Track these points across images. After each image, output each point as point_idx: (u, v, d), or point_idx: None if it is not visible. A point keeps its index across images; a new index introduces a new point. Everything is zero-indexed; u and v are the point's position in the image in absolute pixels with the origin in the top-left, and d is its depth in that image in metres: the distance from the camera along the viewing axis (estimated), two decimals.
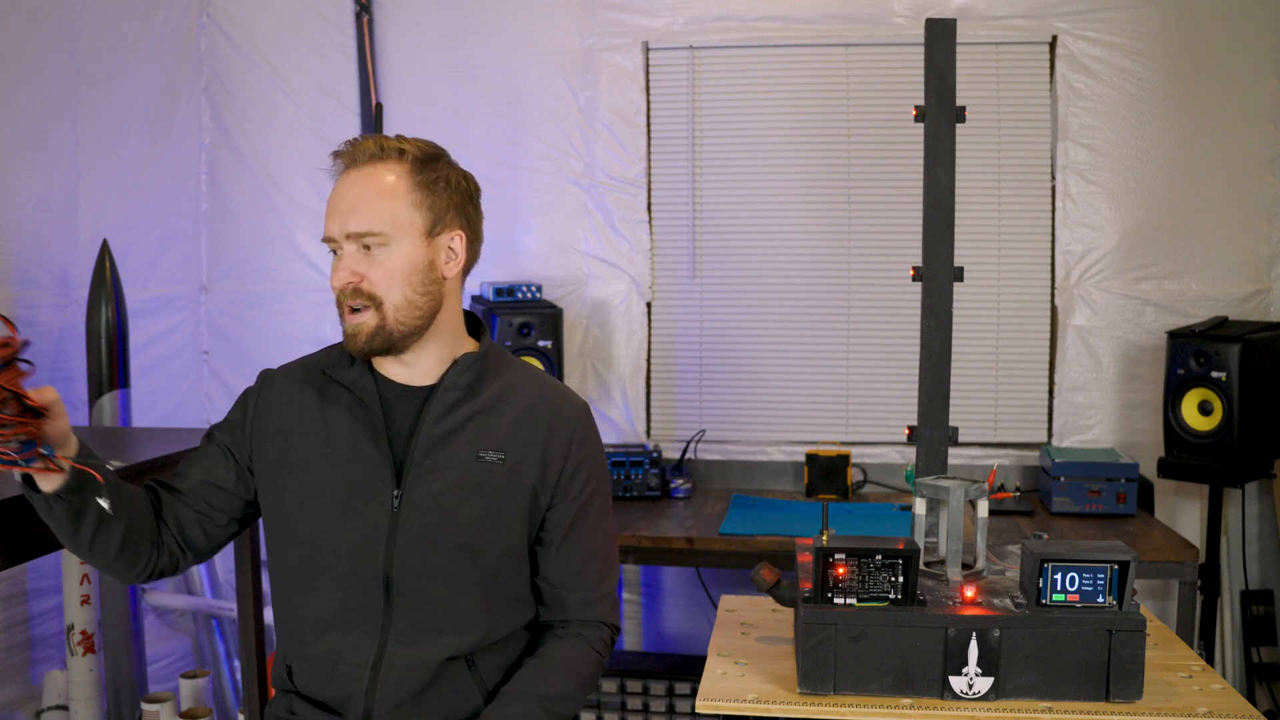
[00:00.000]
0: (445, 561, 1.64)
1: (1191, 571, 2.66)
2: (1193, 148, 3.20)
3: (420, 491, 1.64)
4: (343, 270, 1.62)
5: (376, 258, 1.62)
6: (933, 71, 1.95)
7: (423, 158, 1.66)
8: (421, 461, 1.64)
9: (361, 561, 1.63)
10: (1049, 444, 3.32)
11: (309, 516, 1.65)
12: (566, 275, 3.45)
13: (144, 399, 3.23)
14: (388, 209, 1.62)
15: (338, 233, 1.62)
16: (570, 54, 3.41)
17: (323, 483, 1.65)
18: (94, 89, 3.09)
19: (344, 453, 1.66)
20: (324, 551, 1.65)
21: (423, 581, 1.64)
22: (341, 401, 1.68)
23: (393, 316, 1.63)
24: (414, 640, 1.63)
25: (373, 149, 1.64)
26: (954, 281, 1.96)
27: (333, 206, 1.63)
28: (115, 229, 3.09)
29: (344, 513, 1.64)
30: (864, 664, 1.50)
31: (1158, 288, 3.23)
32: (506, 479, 1.67)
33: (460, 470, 1.65)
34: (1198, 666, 1.64)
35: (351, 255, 1.62)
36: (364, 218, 1.61)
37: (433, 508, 1.64)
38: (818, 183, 3.40)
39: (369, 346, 1.63)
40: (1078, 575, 1.49)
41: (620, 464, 3.20)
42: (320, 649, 1.65)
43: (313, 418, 1.68)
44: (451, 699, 1.66)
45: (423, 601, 1.64)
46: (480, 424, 1.68)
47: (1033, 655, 1.49)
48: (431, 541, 1.64)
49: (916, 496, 1.69)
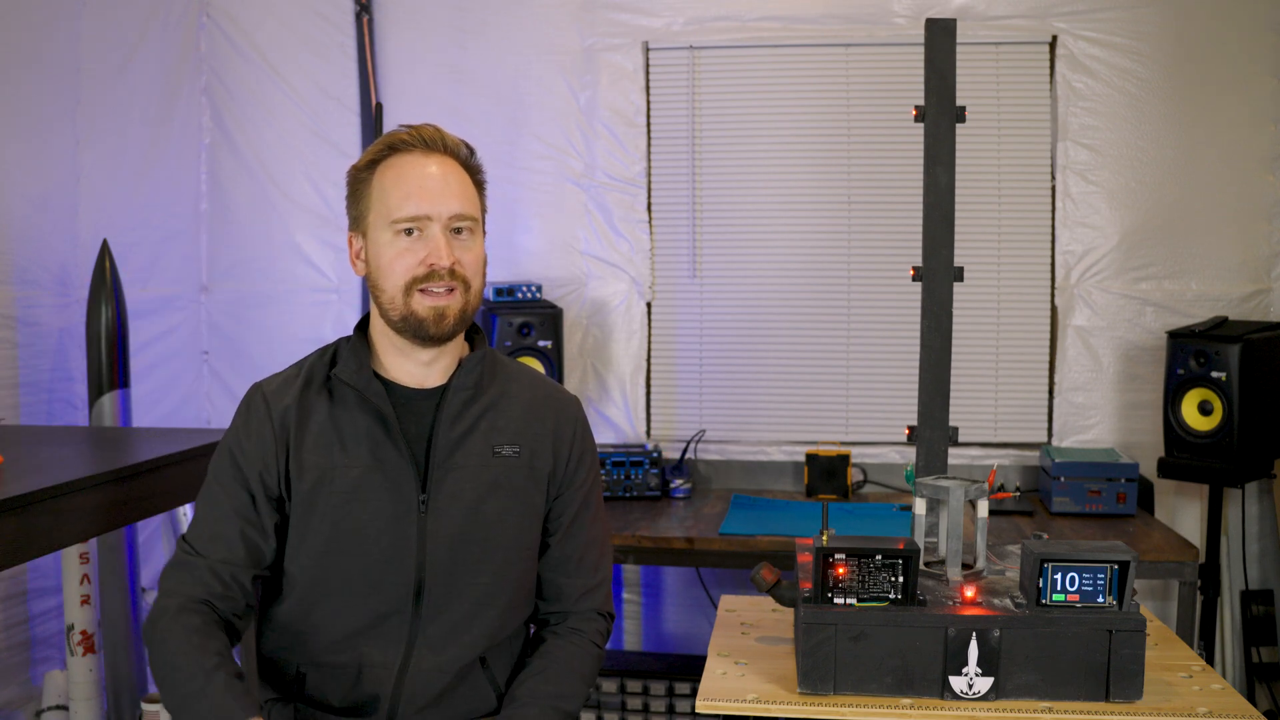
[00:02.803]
0: (473, 561, 1.65)
1: (1191, 571, 2.66)
2: (1193, 148, 3.20)
3: (444, 493, 1.64)
4: (442, 249, 1.60)
5: (466, 243, 1.64)
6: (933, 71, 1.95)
7: (473, 157, 1.69)
8: (443, 462, 1.64)
9: (392, 570, 1.62)
10: (1049, 444, 3.32)
11: (335, 527, 1.63)
12: (566, 275, 3.45)
13: (144, 399, 3.23)
14: (473, 198, 1.66)
15: (437, 212, 1.60)
16: (570, 54, 3.41)
17: (346, 493, 1.63)
18: (94, 89, 3.09)
19: (364, 459, 1.63)
20: (354, 561, 1.62)
21: (452, 583, 1.64)
22: (351, 407, 1.65)
23: (472, 302, 1.66)
24: (441, 644, 1.64)
25: (439, 138, 1.65)
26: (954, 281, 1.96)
27: (418, 185, 1.61)
28: (115, 229, 3.09)
29: (372, 521, 1.62)
30: (864, 664, 1.50)
31: (1158, 288, 3.23)
32: (525, 471, 1.69)
33: (479, 467, 1.65)
34: (1198, 666, 1.64)
35: (445, 237, 1.61)
36: (464, 201, 1.63)
37: (458, 508, 1.64)
38: (818, 183, 3.40)
39: (455, 328, 1.63)
40: (1078, 575, 1.49)
41: (620, 464, 3.20)
42: (346, 657, 1.64)
43: (324, 427, 1.65)
44: (469, 697, 1.67)
45: (450, 604, 1.64)
46: (491, 420, 1.68)
47: (1033, 655, 1.49)
48: (460, 542, 1.64)
49: (916, 496, 1.69)
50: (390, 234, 1.61)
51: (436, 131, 1.65)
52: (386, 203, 1.61)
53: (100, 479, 1.94)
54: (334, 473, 1.63)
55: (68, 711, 2.85)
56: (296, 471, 1.63)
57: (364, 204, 1.65)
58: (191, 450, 2.19)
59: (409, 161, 1.63)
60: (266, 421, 1.65)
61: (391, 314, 1.63)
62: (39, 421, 2.93)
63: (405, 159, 1.63)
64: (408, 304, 1.61)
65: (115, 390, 2.92)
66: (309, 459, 1.63)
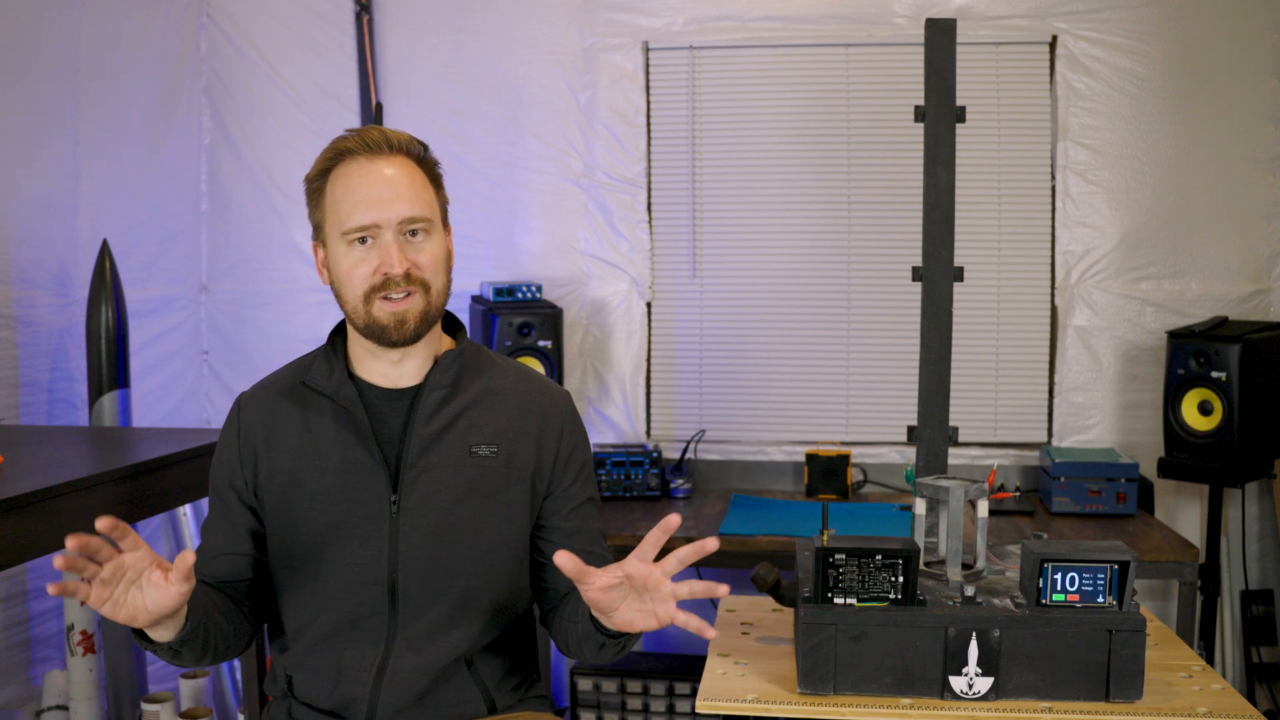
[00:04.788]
0: (449, 562, 1.64)
1: (1191, 571, 2.66)
2: (1193, 148, 3.20)
3: (418, 494, 1.64)
4: (397, 255, 1.60)
5: (420, 244, 1.63)
6: (933, 71, 1.95)
7: (426, 152, 1.69)
8: (415, 463, 1.64)
9: (366, 572, 1.63)
10: (1049, 444, 3.32)
11: (308, 532, 1.64)
12: (566, 275, 3.45)
13: (144, 399, 3.23)
14: (426, 197, 1.65)
15: (385, 219, 1.60)
16: (570, 54, 3.41)
17: (317, 496, 1.64)
18: (94, 89, 3.09)
19: (335, 463, 1.64)
20: (327, 566, 1.64)
21: (427, 584, 1.63)
22: (325, 411, 1.67)
23: (434, 302, 1.65)
24: (419, 645, 1.63)
25: (383, 140, 1.64)
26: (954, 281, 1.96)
27: (365, 195, 1.61)
28: (115, 229, 3.09)
29: (344, 524, 1.63)
30: (864, 664, 1.50)
31: (1158, 288, 3.23)
32: (501, 472, 1.67)
33: (454, 467, 1.65)
34: (1198, 666, 1.64)
35: (396, 242, 1.61)
36: (413, 204, 1.62)
37: (432, 508, 1.64)
38: (818, 183, 3.40)
39: (418, 330, 1.63)
40: (1078, 575, 1.49)
41: (620, 464, 3.20)
42: (324, 660, 1.65)
43: (297, 431, 1.67)
44: (453, 700, 1.66)
45: (427, 605, 1.63)
46: (469, 419, 1.68)
47: (1033, 655, 1.49)
48: (434, 543, 1.63)
49: (916, 496, 1.69)
50: (344, 245, 1.63)
51: (380, 133, 1.65)
52: (338, 213, 1.63)
53: (100, 479, 1.94)
54: (306, 476, 1.65)
55: (68, 711, 2.85)
56: (267, 476, 1.66)
57: (320, 214, 1.67)
58: (191, 450, 2.19)
59: (355, 169, 1.63)
60: (234, 430, 1.71)
61: (356, 321, 1.65)
62: (39, 421, 2.93)
63: (352, 166, 1.63)
64: (369, 312, 1.62)
65: (115, 390, 2.92)
66: (281, 463, 1.66)
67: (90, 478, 1.91)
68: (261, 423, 1.69)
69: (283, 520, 1.66)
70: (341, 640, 1.64)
